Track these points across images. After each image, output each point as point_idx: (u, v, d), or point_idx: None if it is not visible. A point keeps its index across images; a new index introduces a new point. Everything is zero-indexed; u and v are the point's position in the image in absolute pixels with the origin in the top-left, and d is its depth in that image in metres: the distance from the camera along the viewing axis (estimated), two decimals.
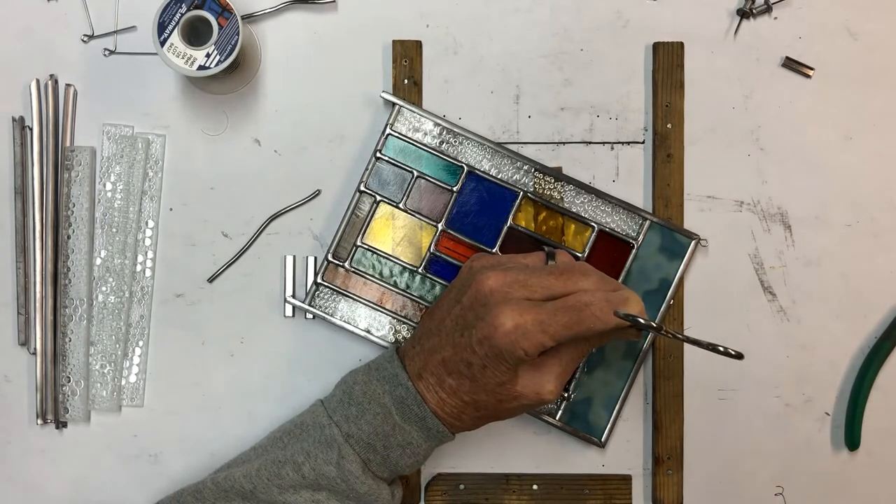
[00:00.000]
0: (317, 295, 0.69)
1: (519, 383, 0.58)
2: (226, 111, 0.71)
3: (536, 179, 0.69)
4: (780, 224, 0.70)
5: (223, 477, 0.61)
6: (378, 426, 0.59)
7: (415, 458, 0.61)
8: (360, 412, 0.60)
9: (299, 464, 0.60)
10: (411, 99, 0.69)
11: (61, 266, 0.69)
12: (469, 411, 0.60)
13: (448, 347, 0.59)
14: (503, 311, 0.56)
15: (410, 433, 0.60)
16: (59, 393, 0.69)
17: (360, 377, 0.61)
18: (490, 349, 0.56)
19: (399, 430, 0.60)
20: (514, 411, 0.60)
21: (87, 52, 0.70)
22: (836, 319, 0.70)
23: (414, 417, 0.60)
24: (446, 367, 0.59)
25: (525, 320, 0.55)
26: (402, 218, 0.69)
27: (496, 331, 0.56)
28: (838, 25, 0.71)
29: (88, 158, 0.69)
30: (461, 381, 0.59)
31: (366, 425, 0.60)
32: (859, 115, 0.71)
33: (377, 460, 0.60)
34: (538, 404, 0.59)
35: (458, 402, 0.59)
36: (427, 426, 0.60)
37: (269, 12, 0.70)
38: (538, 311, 0.56)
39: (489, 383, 0.58)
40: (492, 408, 0.59)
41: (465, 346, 0.58)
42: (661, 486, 0.69)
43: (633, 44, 0.71)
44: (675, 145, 0.70)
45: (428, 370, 0.59)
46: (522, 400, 0.59)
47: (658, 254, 0.69)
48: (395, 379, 0.60)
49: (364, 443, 0.60)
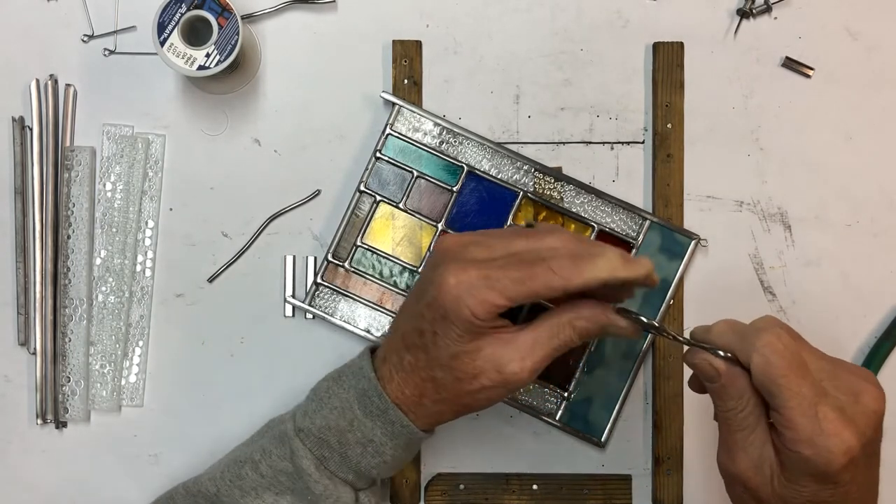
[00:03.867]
0: (317, 295, 0.69)
1: (479, 358, 0.52)
2: (226, 111, 0.71)
3: (536, 179, 0.69)
4: (780, 224, 0.70)
5: (192, 481, 0.60)
6: (333, 421, 0.55)
7: (380, 459, 0.56)
8: (319, 406, 0.56)
9: (256, 462, 0.57)
10: (411, 99, 0.69)
11: (61, 266, 0.69)
12: (429, 393, 0.54)
13: (405, 319, 0.54)
14: (448, 267, 0.51)
15: (372, 429, 0.55)
16: (59, 393, 0.69)
17: (331, 373, 0.59)
18: (437, 311, 0.51)
19: (359, 426, 0.55)
20: (478, 396, 0.53)
21: (87, 52, 0.70)
22: (836, 319, 0.70)
23: (375, 410, 0.55)
24: (405, 342, 0.54)
25: (469, 275, 0.50)
26: (402, 218, 0.69)
27: (440, 289, 0.50)
28: (838, 25, 0.71)
29: (88, 158, 0.69)
30: (417, 355, 0.53)
31: (319, 419, 0.56)
32: (859, 115, 0.71)
33: (334, 458, 0.56)
34: (504, 387, 0.52)
35: (416, 381, 0.54)
36: (390, 419, 0.55)
37: (269, 12, 0.70)
38: (486, 265, 0.50)
39: (442, 355, 0.52)
40: (451, 388, 0.53)
41: (417, 313, 0.53)
42: (661, 486, 0.69)
43: (633, 44, 0.71)
44: (675, 145, 0.70)
45: (390, 349, 0.55)
46: (483, 379, 0.52)
47: (658, 254, 0.69)
48: (360, 371, 0.56)
49: (315, 437, 0.56)
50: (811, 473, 0.48)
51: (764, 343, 0.49)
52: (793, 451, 0.48)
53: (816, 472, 0.48)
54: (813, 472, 0.48)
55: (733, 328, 0.51)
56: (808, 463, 0.48)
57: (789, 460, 0.49)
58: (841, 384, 0.49)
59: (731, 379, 0.50)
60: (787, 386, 0.48)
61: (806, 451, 0.48)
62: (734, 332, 0.51)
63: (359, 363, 0.57)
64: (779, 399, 0.48)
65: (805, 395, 0.48)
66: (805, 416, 0.47)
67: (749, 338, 0.49)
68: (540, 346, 0.52)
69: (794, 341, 0.49)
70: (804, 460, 0.48)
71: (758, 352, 0.49)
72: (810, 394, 0.48)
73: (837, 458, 0.47)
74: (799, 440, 0.48)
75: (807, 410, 0.47)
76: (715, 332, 0.52)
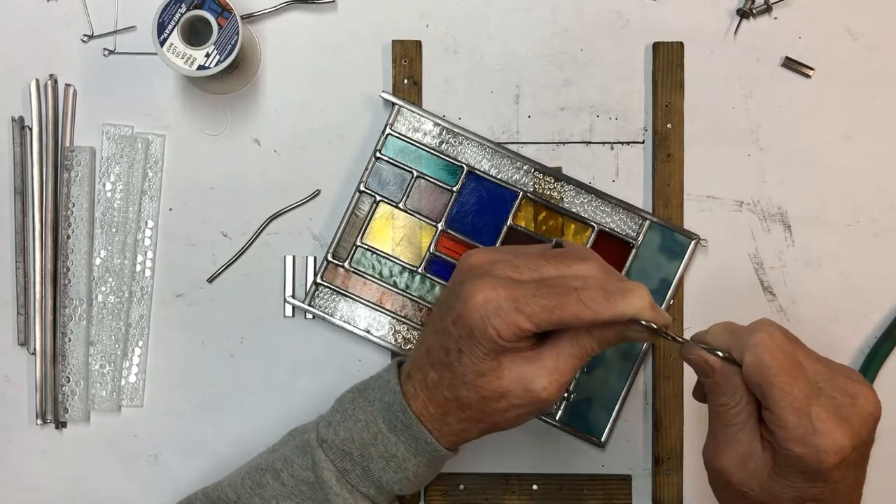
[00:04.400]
0: (316, 295, 0.69)
1: (505, 377, 0.51)
2: (226, 111, 0.71)
3: (536, 179, 0.69)
4: (780, 224, 0.70)
5: (212, 487, 0.60)
6: (357, 433, 0.55)
7: (402, 475, 0.55)
8: (343, 418, 0.56)
9: (277, 470, 0.57)
10: (411, 99, 0.69)
11: (61, 266, 0.69)
12: (453, 412, 0.53)
13: (431, 335, 0.54)
14: (475, 284, 0.50)
15: (396, 444, 0.55)
16: (59, 393, 0.69)
17: (357, 385, 0.58)
18: (462, 328, 0.50)
19: (382, 440, 0.55)
20: (507, 415, 0.53)
21: (86, 52, 0.70)
22: (836, 319, 0.70)
23: (400, 426, 0.55)
24: (429, 358, 0.53)
25: (498, 294, 0.49)
26: (401, 218, 0.69)
27: (466, 305, 0.50)
28: (838, 25, 0.71)
29: (88, 158, 0.69)
30: (441, 373, 0.53)
31: (344, 431, 0.55)
32: (859, 115, 0.71)
33: (356, 472, 0.55)
34: (533, 405, 0.52)
35: (441, 399, 0.53)
36: (414, 435, 0.54)
37: (268, 12, 0.70)
38: (516, 287, 0.50)
39: (467, 373, 0.51)
40: (477, 407, 0.53)
41: (443, 329, 0.52)
42: (661, 486, 0.69)
43: (633, 44, 0.71)
44: (675, 145, 0.70)
45: (415, 365, 0.55)
46: (512, 398, 0.52)
47: (658, 254, 0.69)
48: (386, 385, 0.56)
49: (338, 449, 0.55)
50: (801, 471, 0.49)
51: (756, 342, 0.49)
52: (784, 448, 0.48)
53: (807, 469, 0.48)
54: (803, 469, 0.48)
55: (729, 329, 0.52)
56: (799, 461, 0.48)
57: (780, 457, 0.49)
58: (837, 385, 0.49)
59: (725, 375, 0.50)
60: (778, 385, 0.48)
61: (797, 450, 0.48)
62: (729, 332, 0.51)
63: (385, 377, 0.57)
64: (770, 398, 0.48)
65: (796, 394, 0.48)
66: (796, 414, 0.48)
67: (743, 337, 0.50)
68: (564, 360, 0.52)
69: (787, 341, 0.50)
70: (795, 458, 0.48)
71: (750, 350, 0.49)
72: (802, 393, 0.48)
73: (829, 457, 0.47)
74: (790, 438, 0.48)
75: (798, 409, 0.48)
76: (711, 333, 0.52)
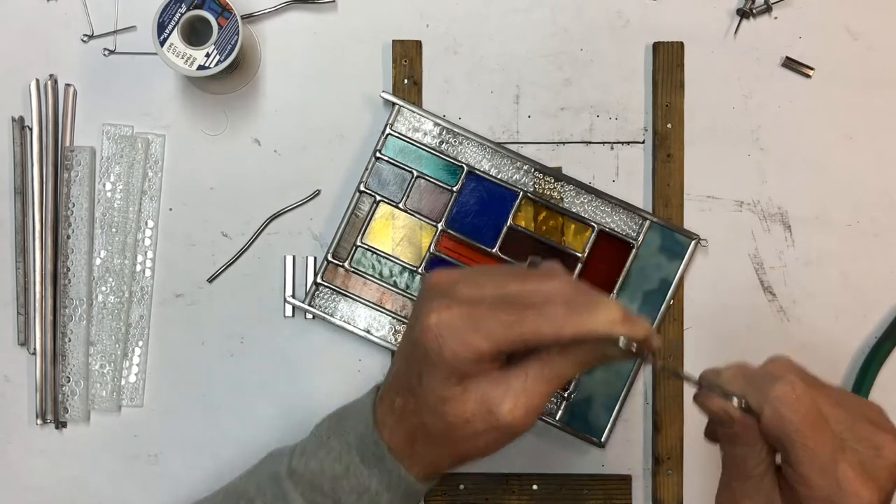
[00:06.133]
0: (316, 295, 0.69)
1: (470, 400, 0.47)
2: (226, 111, 0.71)
3: (536, 179, 0.69)
4: (780, 224, 0.70)
5: None
6: (329, 464, 0.51)
7: None
8: (316, 448, 0.52)
9: (251, 498, 0.53)
10: (411, 99, 0.69)
11: (61, 266, 0.69)
12: (421, 439, 0.49)
13: (400, 359, 0.50)
14: (431, 305, 0.46)
15: (369, 477, 0.50)
16: (59, 393, 0.69)
17: (338, 409, 0.54)
18: (420, 351, 0.47)
19: (355, 472, 0.50)
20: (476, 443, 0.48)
21: (86, 52, 0.70)
22: (836, 319, 0.70)
23: (372, 458, 0.50)
24: (396, 382, 0.50)
25: (452, 314, 0.46)
26: (401, 218, 0.69)
27: (422, 328, 0.46)
28: (838, 25, 0.71)
29: (88, 158, 0.69)
30: (407, 399, 0.49)
31: (314, 463, 0.51)
32: (859, 115, 0.71)
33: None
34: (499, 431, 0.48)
35: (408, 426, 0.49)
36: (387, 468, 0.50)
37: (269, 12, 0.70)
38: (472, 306, 0.46)
39: (429, 399, 0.47)
40: (443, 435, 0.48)
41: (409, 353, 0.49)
42: (661, 486, 0.69)
43: (633, 44, 0.71)
44: (675, 145, 0.70)
45: (386, 389, 0.51)
46: (476, 423, 0.47)
47: (658, 254, 0.69)
48: (361, 412, 0.52)
49: (307, 482, 0.51)
50: None
51: (777, 395, 0.45)
52: None
53: None
54: None
55: (744, 374, 0.48)
56: None
57: None
58: (861, 435, 0.46)
59: (746, 427, 0.47)
60: (801, 442, 0.45)
61: None
62: (745, 379, 0.48)
63: (363, 401, 0.53)
64: (793, 455, 0.45)
65: (821, 452, 0.45)
66: (821, 474, 0.45)
67: (761, 387, 0.46)
68: (532, 381, 0.47)
69: (808, 389, 0.46)
70: None
71: (770, 404, 0.45)
72: (828, 450, 0.45)
73: None
74: (814, 498, 0.45)
75: (823, 467, 0.45)
76: (725, 378, 0.48)
